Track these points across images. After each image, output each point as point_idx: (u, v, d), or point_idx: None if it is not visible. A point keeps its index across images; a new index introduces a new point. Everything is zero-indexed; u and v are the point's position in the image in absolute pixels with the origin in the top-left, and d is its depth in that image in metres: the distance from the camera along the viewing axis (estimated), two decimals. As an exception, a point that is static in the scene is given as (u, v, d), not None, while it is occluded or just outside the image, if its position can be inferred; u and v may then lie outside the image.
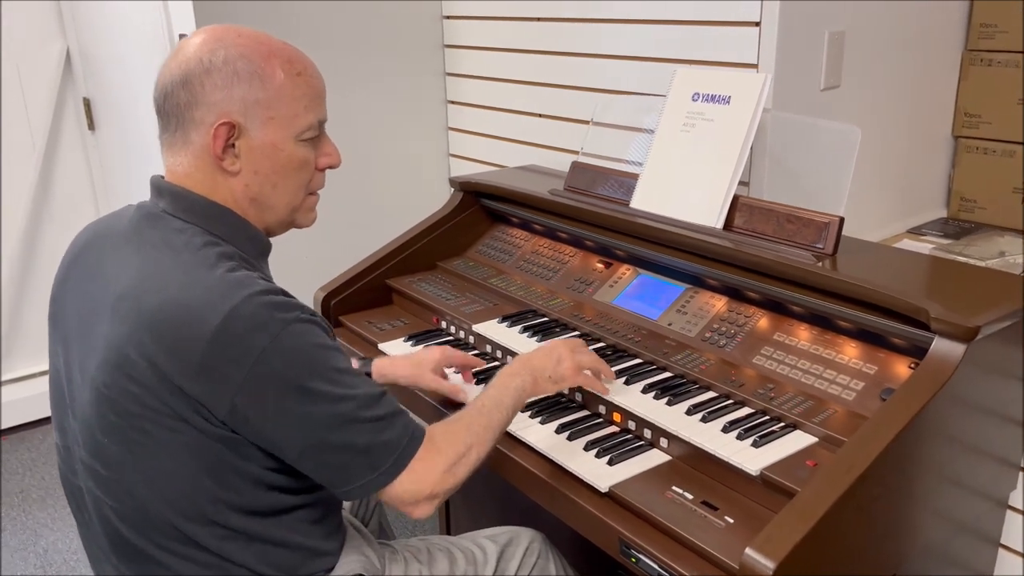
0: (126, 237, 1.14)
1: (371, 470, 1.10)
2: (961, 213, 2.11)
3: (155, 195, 1.17)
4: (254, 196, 1.16)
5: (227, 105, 1.10)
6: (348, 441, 1.08)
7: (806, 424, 1.26)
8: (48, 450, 3.08)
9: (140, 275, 1.08)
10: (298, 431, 1.06)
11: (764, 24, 1.67)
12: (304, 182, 1.19)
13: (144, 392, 1.04)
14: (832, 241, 1.42)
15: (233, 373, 1.02)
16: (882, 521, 1.14)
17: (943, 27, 2.02)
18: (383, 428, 1.10)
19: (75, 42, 3.03)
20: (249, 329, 1.02)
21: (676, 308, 1.58)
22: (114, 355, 1.05)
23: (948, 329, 1.16)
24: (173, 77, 1.11)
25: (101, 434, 1.09)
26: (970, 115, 2.08)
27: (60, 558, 2.50)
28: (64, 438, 1.21)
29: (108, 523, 1.14)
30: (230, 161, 1.13)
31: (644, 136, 1.74)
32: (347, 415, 1.07)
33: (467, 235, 2.06)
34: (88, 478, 1.14)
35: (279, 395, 1.04)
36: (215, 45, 1.11)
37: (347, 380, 1.09)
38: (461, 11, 2.48)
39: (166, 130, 1.15)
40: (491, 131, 2.49)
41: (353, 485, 1.10)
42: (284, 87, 1.12)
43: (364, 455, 1.09)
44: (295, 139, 1.15)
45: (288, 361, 1.04)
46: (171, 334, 1.02)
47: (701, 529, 1.13)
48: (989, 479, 1.39)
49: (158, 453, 1.07)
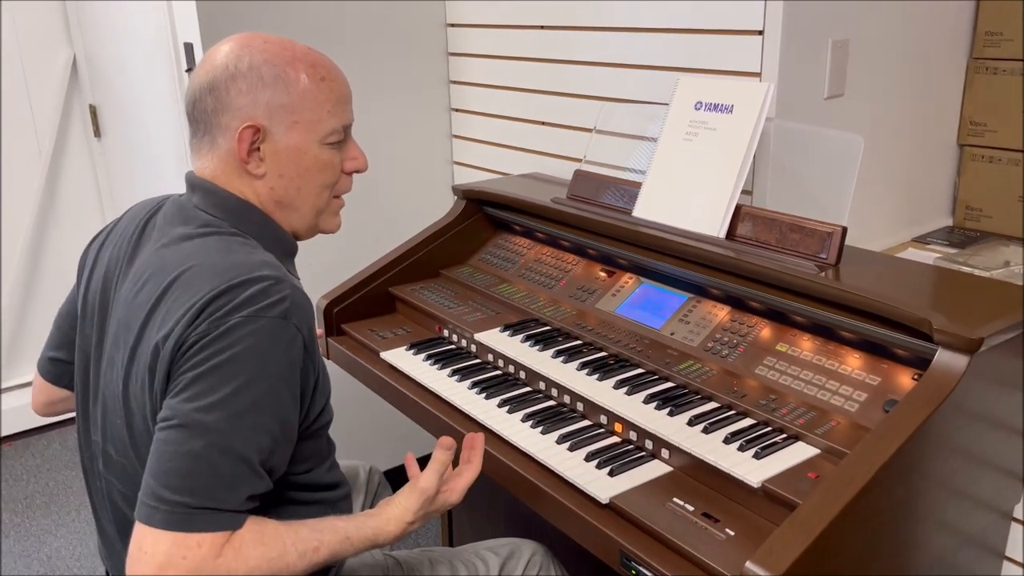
0: (159, 228, 1.19)
1: (177, 495, 0.96)
2: (966, 222, 2.10)
3: (188, 190, 1.20)
4: (279, 199, 1.18)
5: (252, 110, 1.12)
6: (200, 453, 0.97)
7: (808, 436, 1.25)
8: (52, 456, 3.09)
9: (162, 267, 1.11)
10: (186, 400, 0.99)
11: (767, 32, 1.67)
12: (329, 184, 1.21)
13: (147, 371, 1.05)
14: (835, 251, 1.42)
15: (204, 328, 1.01)
16: (885, 534, 1.13)
17: (948, 35, 2.01)
18: (234, 477, 0.98)
19: (81, 49, 3.04)
20: (240, 301, 1.01)
21: (679, 317, 1.58)
22: (132, 351, 1.08)
23: (951, 340, 1.15)
24: (201, 84, 1.14)
25: (117, 417, 1.11)
26: (975, 123, 2.07)
27: (64, 564, 2.50)
28: (85, 423, 1.23)
29: (118, 509, 1.16)
30: (255, 164, 1.15)
31: (647, 144, 1.74)
32: (228, 430, 0.98)
33: (470, 243, 2.06)
34: (102, 462, 1.17)
35: (214, 361, 0.99)
36: (241, 52, 1.13)
37: (266, 406, 1.01)
38: (465, 19, 2.49)
39: (195, 135, 1.18)
40: (494, 139, 2.49)
41: (149, 500, 0.97)
42: (308, 91, 1.15)
43: (196, 481, 0.97)
44: (319, 143, 1.17)
45: (247, 344, 1.00)
46: (183, 288, 1.04)
47: (702, 541, 1.12)
48: (993, 491, 1.38)
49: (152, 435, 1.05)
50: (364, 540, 1.11)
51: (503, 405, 1.49)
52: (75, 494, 2.85)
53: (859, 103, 1.84)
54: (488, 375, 1.61)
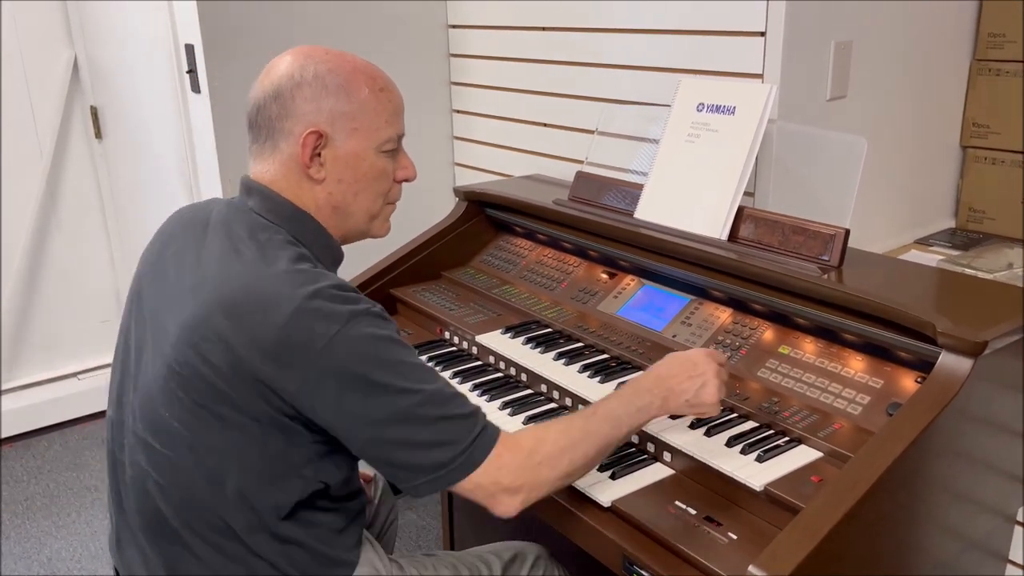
0: (214, 229, 1.20)
1: (438, 467, 1.09)
2: (969, 224, 2.10)
3: (244, 193, 1.24)
4: (336, 204, 1.23)
5: (315, 116, 1.17)
6: (410, 436, 1.08)
7: (811, 439, 1.24)
8: (53, 458, 3.08)
9: (222, 263, 1.14)
10: (359, 422, 1.08)
11: (770, 34, 1.66)
12: (383, 192, 1.27)
13: (214, 373, 1.08)
14: (838, 253, 1.41)
15: (302, 358, 1.05)
16: (888, 538, 1.13)
17: (951, 37, 2.01)
18: (451, 425, 1.09)
19: (82, 50, 3.04)
20: (320, 317, 1.06)
21: (681, 320, 1.57)
22: (189, 335, 1.10)
23: (955, 343, 1.15)
24: (266, 92, 1.19)
25: (164, 408, 1.13)
26: (978, 125, 2.07)
27: (64, 566, 2.50)
28: (119, 412, 1.24)
29: (148, 499, 1.17)
30: (316, 169, 1.19)
31: (649, 146, 1.73)
32: (410, 409, 1.08)
33: (471, 245, 2.06)
34: (139, 452, 1.17)
35: (343, 383, 1.06)
36: (305, 61, 1.19)
37: (415, 375, 1.09)
38: (466, 20, 2.48)
39: (256, 140, 1.22)
40: (496, 140, 2.49)
41: (419, 481, 1.10)
42: (368, 101, 1.20)
43: (428, 451, 1.08)
44: (376, 150, 1.23)
45: (354, 350, 1.07)
46: (247, 318, 1.07)
47: (704, 545, 1.11)
48: (997, 494, 1.38)
49: (216, 434, 1.11)
50: None
51: (504, 408, 1.48)
52: (75, 496, 2.85)
53: (862, 105, 1.83)
54: (489, 377, 1.60)
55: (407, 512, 2.66)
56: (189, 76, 2.26)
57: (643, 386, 1.23)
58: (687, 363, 1.25)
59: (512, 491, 1.11)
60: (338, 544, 1.23)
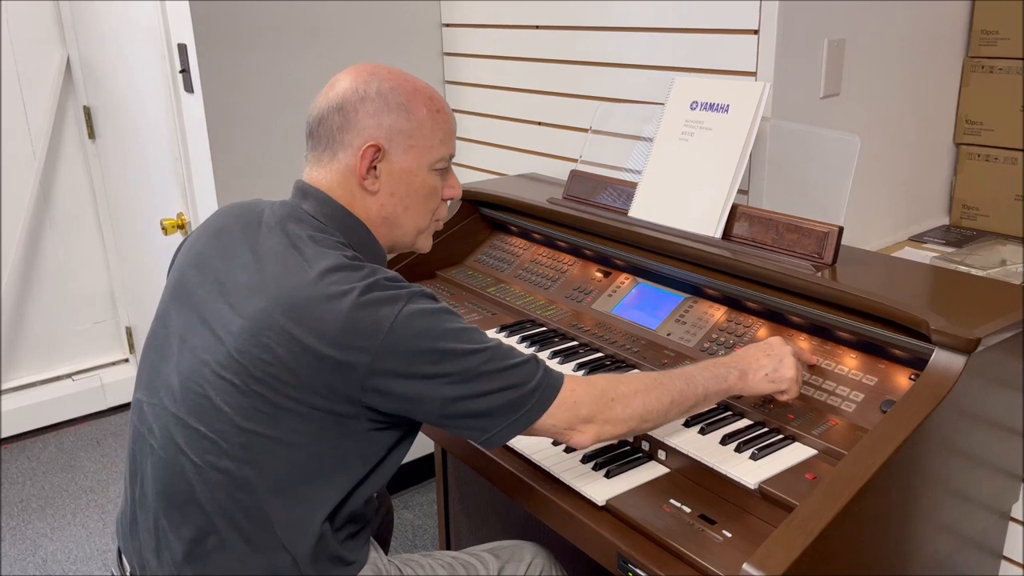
0: (269, 226, 1.24)
1: (514, 410, 1.14)
2: (963, 221, 2.10)
3: (299, 197, 1.28)
4: (387, 216, 1.28)
5: (375, 131, 1.23)
6: (486, 388, 1.13)
7: (805, 436, 1.25)
8: (48, 459, 3.08)
9: (282, 261, 1.18)
10: (436, 390, 1.12)
11: (763, 32, 1.66)
12: (432, 208, 1.32)
13: (278, 361, 1.11)
14: (831, 251, 1.41)
15: (371, 341, 1.09)
16: (883, 535, 1.13)
17: (944, 34, 2.01)
18: (520, 370, 1.15)
19: (75, 50, 3.03)
20: (382, 302, 1.11)
21: (675, 318, 1.57)
22: (253, 325, 1.13)
23: (949, 341, 1.15)
24: (330, 104, 1.24)
25: (216, 393, 1.15)
26: (972, 122, 2.07)
27: (60, 568, 2.49)
28: (152, 395, 1.25)
29: (181, 480, 1.18)
30: (371, 181, 1.25)
31: (643, 144, 1.73)
32: (481, 365, 1.13)
33: (466, 244, 2.05)
34: (178, 433, 1.19)
35: (414, 357, 1.11)
36: (369, 78, 1.25)
37: (476, 336, 1.15)
38: (460, 19, 2.48)
39: (315, 149, 1.27)
40: (490, 139, 2.49)
41: (498, 428, 1.15)
42: (425, 120, 1.26)
43: (505, 396, 1.14)
44: (428, 168, 1.28)
45: (418, 327, 1.11)
46: (311, 312, 1.11)
47: (698, 544, 1.11)
48: (991, 491, 1.38)
49: (271, 421, 1.13)
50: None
51: (499, 407, 1.48)
52: (71, 497, 2.85)
53: (855, 102, 1.83)
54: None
55: (403, 511, 2.66)
56: (182, 76, 2.25)
57: (720, 360, 1.30)
58: (763, 345, 1.32)
59: (587, 420, 1.17)
60: (353, 546, 1.25)
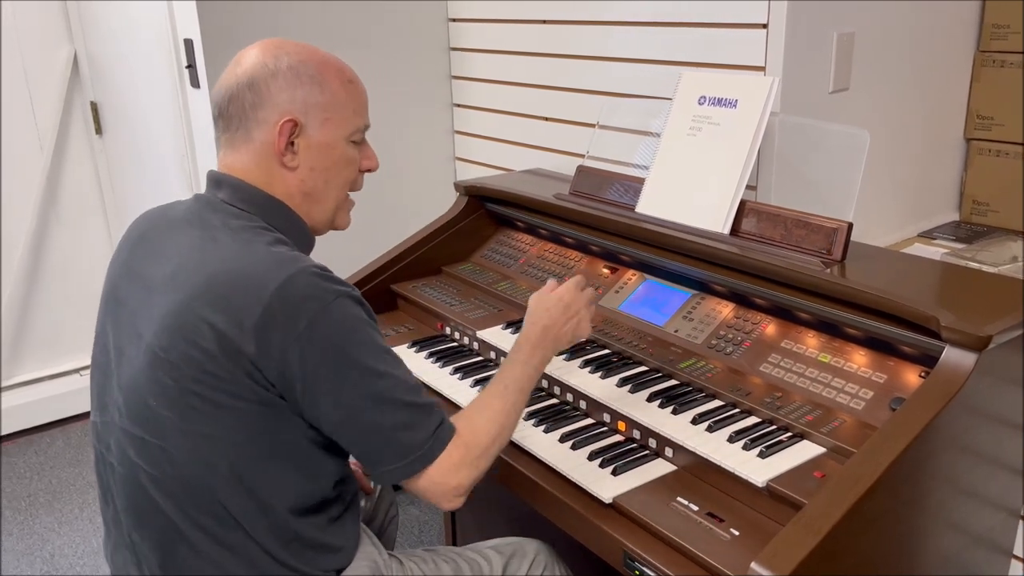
0: (187, 221, 1.22)
1: (400, 457, 1.14)
2: (973, 216, 2.08)
3: (213, 187, 1.25)
4: (308, 191, 1.25)
5: (290, 105, 1.20)
6: (381, 420, 1.12)
7: (814, 434, 1.24)
8: (55, 454, 3.08)
9: (200, 249, 1.16)
10: (337, 398, 1.11)
11: (772, 26, 1.65)
12: (349, 180, 1.30)
13: (203, 356, 1.09)
14: (840, 247, 1.40)
15: (287, 334, 1.08)
16: (892, 534, 1.12)
17: (954, 28, 1.99)
18: (416, 416, 1.14)
19: (82, 46, 3.03)
20: (303, 296, 1.09)
21: (682, 314, 1.56)
22: (173, 321, 1.11)
23: (959, 338, 1.14)
24: (239, 81, 1.21)
25: (152, 398, 1.13)
26: (982, 117, 2.05)
27: (67, 562, 2.50)
28: (103, 414, 1.24)
29: (141, 493, 1.17)
30: (290, 157, 1.22)
31: (650, 140, 1.72)
32: (385, 393, 1.12)
33: (472, 239, 2.05)
34: (128, 447, 1.17)
35: (324, 360, 1.09)
36: (277, 52, 1.22)
37: (389, 359, 1.15)
38: (467, 14, 2.47)
39: (227, 130, 1.24)
40: (497, 134, 2.48)
41: (384, 468, 1.15)
42: (339, 92, 1.24)
43: (395, 439, 1.13)
44: (346, 140, 1.26)
45: (336, 329, 1.10)
46: (230, 299, 1.09)
47: (706, 542, 1.11)
48: (1001, 490, 1.37)
49: (209, 419, 1.11)
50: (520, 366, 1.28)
51: (505, 403, 1.47)
52: (78, 492, 2.85)
53: (864, 97, 1.82)
54: (490, 373, 1.59)
55: (408, 507, 2.65)
56: (188, 71, 2.25)
57: (534, 342, 1.31)
58: (560, 306, 1.34)
59: (458, 491, 1.17)
60: (335, 531, 1.24)
